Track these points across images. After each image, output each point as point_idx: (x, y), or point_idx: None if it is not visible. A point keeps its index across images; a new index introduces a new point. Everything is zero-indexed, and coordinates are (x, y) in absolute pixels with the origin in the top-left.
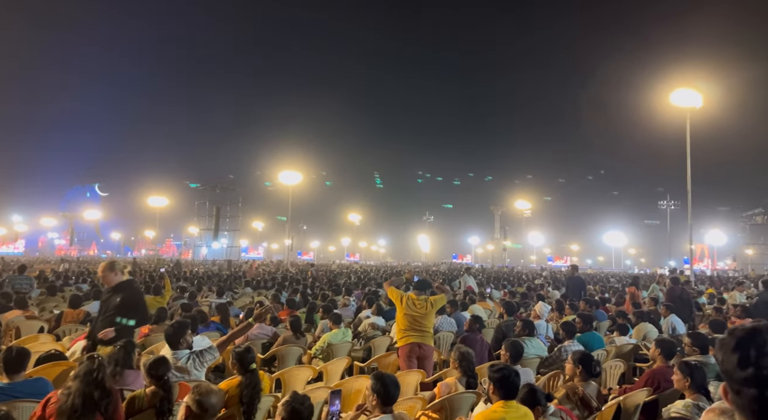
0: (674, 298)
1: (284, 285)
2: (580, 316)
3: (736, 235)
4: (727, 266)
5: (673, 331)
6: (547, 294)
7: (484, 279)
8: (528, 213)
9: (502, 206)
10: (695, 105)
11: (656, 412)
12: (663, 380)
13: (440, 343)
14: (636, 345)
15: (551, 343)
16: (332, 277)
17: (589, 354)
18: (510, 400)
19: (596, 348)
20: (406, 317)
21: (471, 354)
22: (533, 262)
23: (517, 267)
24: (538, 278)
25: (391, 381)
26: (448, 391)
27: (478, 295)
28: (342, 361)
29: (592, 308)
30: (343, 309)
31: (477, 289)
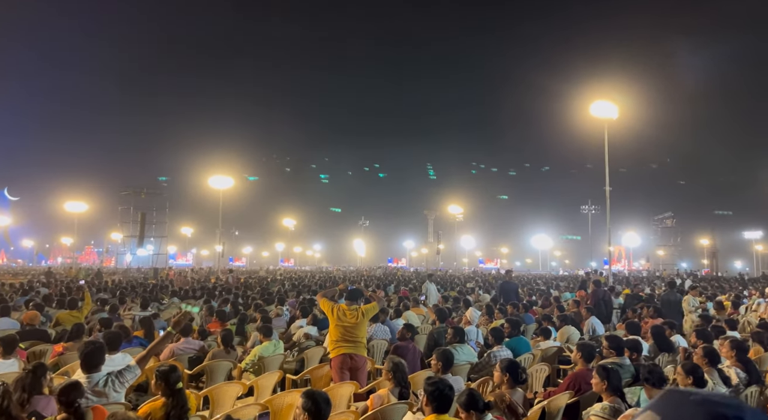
0: (597, 301)
1: (214, 294)
2: (508, 321)
3: (648, 237)
4: (641, 266)
5: (593, 332)
6: (477, 298)
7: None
8: (460, 217)
9: (435, 211)
10: (612, 116)
11: (577, 414)
12: (584, 383)
13: (374, 352)
14: (560, 347)
15: (481, 349)
16: (265, 285)
17: (515, 362)
18: (443, 414)
19: (523, 352)
20: (338, 328)
21: (403, 364)
22: (465, 265)
23: (449, 270)
24: (470, 281)
25: (323, 398)
26: (381, 403)
27: (412, 301)
28: (273, 374)
29: (521, 312)
30: (275, 319)
31: (436, 295)
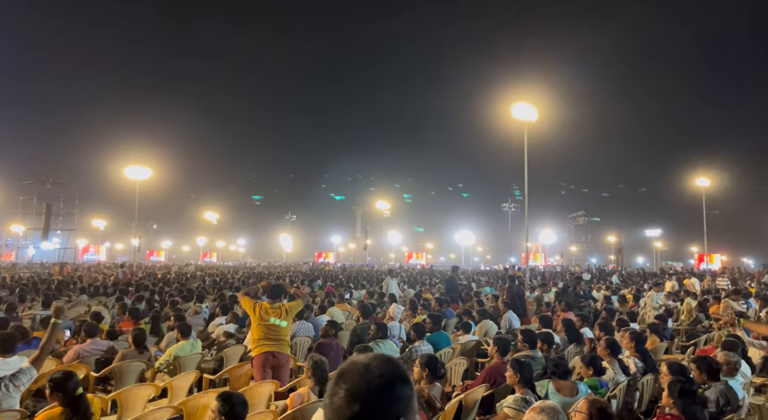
0: (512, 295)
1: (127, 291)
2: (430, 317)
3: (563, 234)
4: (556, 262)
5: (510, 326)
6: (403, 293)
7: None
8: (387, 213)
9: (363, 206)
10: (531, 118)
11: (492, 406)
12: (499, 376)
13: (297, 349)
14: (478, 341)
15: (404, 344)
16: (184, 281)
17: (434, 357)
18: None
19: (444, 347)
20: (261, 326)
21: (324, 362)
22: (392, 261)
23: (377, 266)
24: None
25: (239, 400)
26: (301, 402)
27: (338, 297)
28: (190, 375)
29: (443, 307)
30: (193, 317)
31: (398, 292)
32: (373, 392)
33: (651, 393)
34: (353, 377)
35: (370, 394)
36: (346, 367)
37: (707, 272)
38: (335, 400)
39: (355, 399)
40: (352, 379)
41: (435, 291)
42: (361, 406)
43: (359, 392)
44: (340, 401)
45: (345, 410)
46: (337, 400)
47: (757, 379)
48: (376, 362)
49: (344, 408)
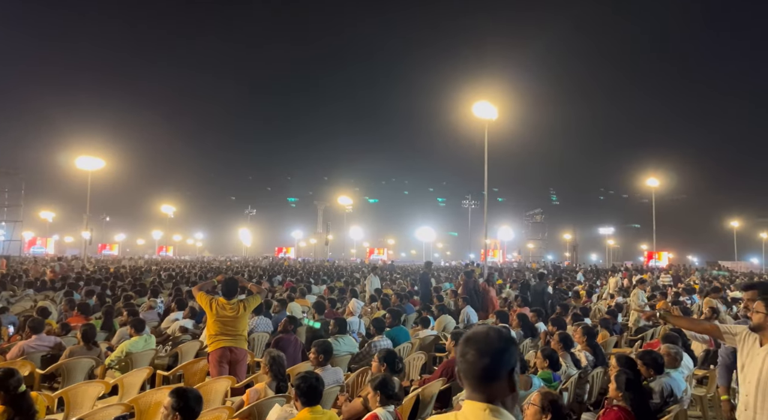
0: (469, 291)
1: (77, 285)
2: (389, 312)
3: (520, 231)
4: (513, 258)
5: (468, 321)
6: (363, 288)
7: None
8: (350, 209)
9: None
10: (492, 117)
11: (449, 400)
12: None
13: (255, 345)
14: (437, 336)
15: (363, 339)
16: (138, 275)
17: (393, 352)
18: (315, 406)
19: (403, 341)
20: (217, 322)
21: (282, 357)
22: (353, 256)
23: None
24: (357, 272)
25: (194, 396)
26: (257, 397)
27: (298, 293)
28: (142, 371)
29: (402, 302)
30: (147, 312)
31: (381, 288)
32: (495, 350)
33: (600, 385)
34: (479, 341)
35: (494, 352)
36: (471, 335)
37: (655, 269)
38: (468, 358)
39: (483, 355)
40: (478, 342)
41: (396, 286)
42: (490, 360)
43: (486, 350)
44: (472, 358)
45: (477, 363)
46: (470, 357)
47: (698, 372)
48: (492, 332)
49: (476, 362)
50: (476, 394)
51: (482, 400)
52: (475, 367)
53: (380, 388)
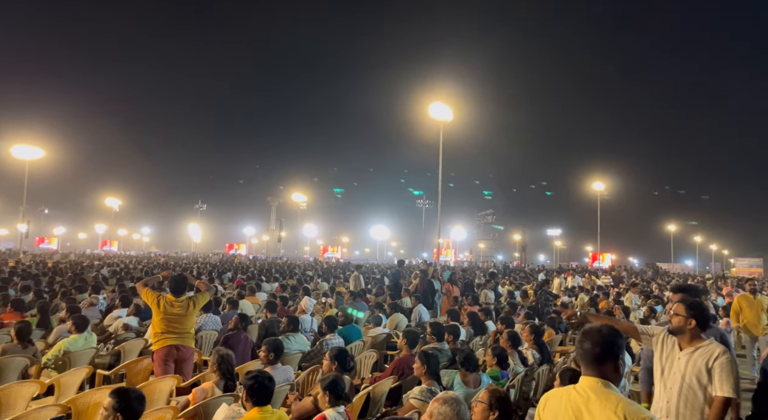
0: (424, 289)
1: (11, 280)
2: (341, 310)
3: (472, 231)
4: (465, 258)
5: (420, 319)
6: (315, 286)
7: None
8: (304, 206)
9: (279, 198)
10: (447, 118)
11: (400, 397)
12: (407, 367)
13: (203, 343)
14: (389, 334)
15: (315, 337)
16: (79, 270)
17: (344, 350)
18: (264, 405)
19: (354, 340)
20: (163, 320)
21: (231, 356)
22: (306, 254)
23: (290, 259)
24: (310, 269)
25: (135, 396)
26: (204, 397)
27: (248, 291)
28: (81, 370)
29: (357, 300)
30: (88, 309)
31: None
32: (605, 341)
33: (546, 382)
34: (593, 334)
35: (603, 343)
36: (588, 330)
37: (599, 270)
38: (585, 346)
39: (596, 345)
40: (593, 335)
41: (349, 285)
42: (600, 349)
43: (598, 341)
44: (588, 346)
45: (591, 351)
46: (586, 346)
47: (636, 369)
48: (604, 328)
49: (590, 350)
50: (590, 372)
51: (595, 376)
52: (590, 353)
53: (330, 388)
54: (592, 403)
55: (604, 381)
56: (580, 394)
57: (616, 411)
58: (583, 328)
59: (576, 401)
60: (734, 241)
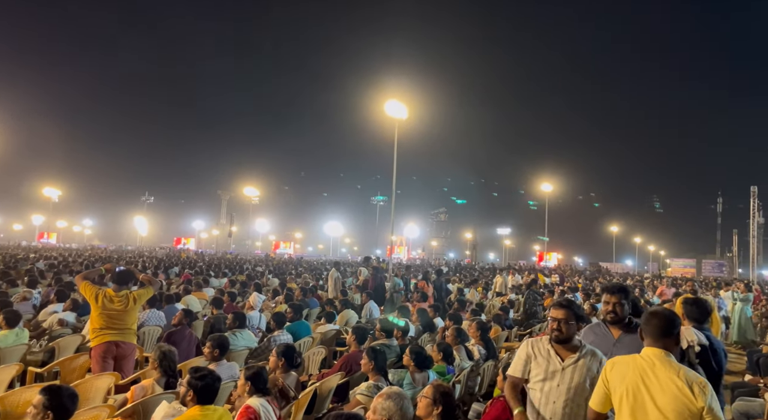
0: (376, 286)
1: None
2: (290, 306)
3: (425, 229)
4: (418, 255)
5: (371, 316)
6: (266, 282)
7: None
8: (256, 200)
9: (230, 192)
10: (402, 116)
11: (347, 394)
12: (355, 364)
13: (145, 339)
14: (338, 331)
15: (263, 334)
16: (12, 263)
17: (291, 346)
18: (207, 405)
19: (303, 336)
20: (102, 315)
21: (173, 352)
22: (258, 249)
23: (241, 254)
24: (261, 265)
25: (67, 394)
26: (143, 394)
27: (194, 286)
28: (11, 367)
29: (306, 296)
30: (21, 304)
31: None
32: (670, 320)
33: (491, 377)
34: (660, 314)
35: (670, 320)
36: (654, 311)
37: (546, 269)
38: (653, 322)
39: (661, 321)
40: (660, 314)
41: (300, 281)
42: (666, 325)
43: (663, 318)
44: (656, 322)
45: (659, 326)
46: (654, 322)
47: None
48: (667, 311)
49: (658, 325)
50: (655, 344)
51: (659, 347)
52: (657, 328)
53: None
54: (657, 368)
55: (666, 351)
56: (645, 360)
57: (678, 375)
58: (651, 309)
59: (642, 366)
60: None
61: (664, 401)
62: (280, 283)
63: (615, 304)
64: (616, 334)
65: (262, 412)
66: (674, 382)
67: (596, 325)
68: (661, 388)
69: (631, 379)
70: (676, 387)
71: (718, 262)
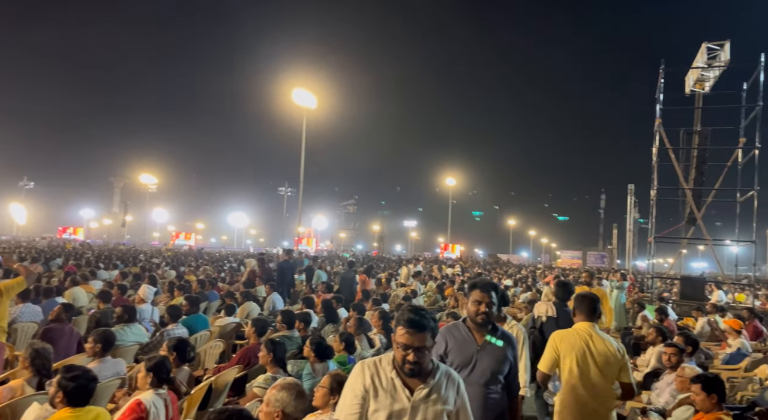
0: (285, 279)
1: None
2: (186, 299)
3: (334, 221)
4: (326, 247)
5: (274, 308)
6: (163, 275)
7: None
8: (154, 188)
9: (125, 178)
10: (311, 106)
11: (243, 387)
12: (254, 356)
13: (18, 337)
14: (239, 323)
15: (156, 328)
16: None
17: (184, 340)
18: (80, 407)
19: (200, 329)
20: None
21: (48, 350)
22: (156, 240)
23: (138, 245)
24: (157, 257)
25: None
26: (11, 396)
27: (81, 278)
28: None
29: (205, 288)
30: None
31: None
32: (596, 301)
33: None
34: (589, 296)
35: (596, 302)
36: (585, 293)
37: (448, 260)
38: (586, 303)
39: (593, 303)
40: (589, 297)
41: (200, 273)
42: (594, 305)
43: (593, 301)
44: (588, 303)
45: (590, 306)
46: (587, 303)
47: None
48: (593, 294)
49: (589, 305)
50: (587, 320)
51: (591, 321)
52: (588, 308)
53: (155, 369)
54: (594, 337)
55: (594, 324)
56: (584, 332)
57: (606, 342)
58: (582, 292)
59: (583, 336)
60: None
61: (601, 360)
62: (177, 275)
63: (488, 304)
64: (479, 339)
65: (152, 409)
66: (607, 347)
67: (455, 327)
68: (598, 352)
69: (579, 346)
70: (608, 350)
71: (600, 254)
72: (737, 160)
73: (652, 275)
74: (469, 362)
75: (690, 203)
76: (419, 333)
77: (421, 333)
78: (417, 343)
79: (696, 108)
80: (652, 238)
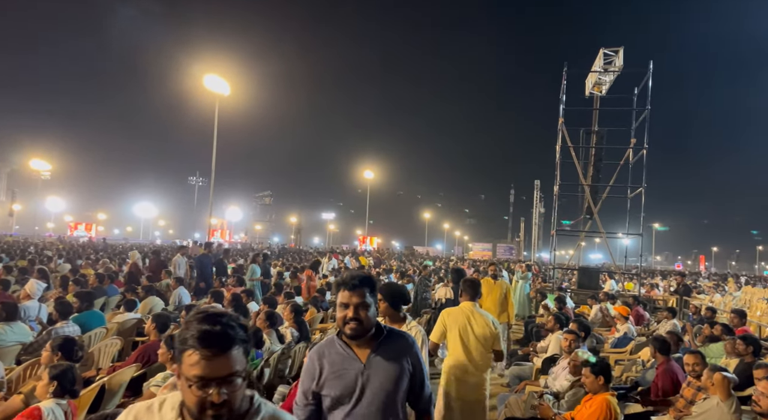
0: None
1: None
2: (77, 295)
3: (249, 213)
4: (240, 239)
5: (180, 302)
6: (56, 267)
7: None
8: (47, 175)
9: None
10: (224, 92)
11: (140, 387)
12: (153, 354)
13: None
14: (140, 320)
15: (43, 326)
16: None
17: (71, 339)
18: None
19: (96, 326)
20: None
21: None
22: (50, 231)
23: (29, 236)
24: (49, 249)
25: None
26: None
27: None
28: None
29: (103, 283)
30: None
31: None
32: (478, 285)
33: (301, 359)
34: (472, 281)
35: (477, 285)
36: (468, 279)
37: (366, 252)
38: (469, 286)
39: (476, 287)
40: (472, 282)
41: (99, 266)
42: (476, 290)
43: (474, 286)
44: (470, 285)
45: (472, 289)
46: (470, 286)
47: None
48: (475, 281)
49: (471, 288)
50: (471, 300)
51: (473, 301)
52: (472, 290)
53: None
54: (475, 314)
55: (475, 303)
56: (467, 310)
57: (485, 318)
58: (466, 277)
59: (466, 313)
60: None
61: (479, 332)
62: (72, 269)
63: (358, 307)
64: (363, 355)
65: (50, 417)
66: (485, 322)
67: (328, 344)
68: (478, 325)
69: (462, 321)
70: (486, 324)
71: (509, 246)
72: (629, 159)
73: (554, 266)
74: (353, 390)
75: (588, 199)
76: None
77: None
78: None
79: (594, 109)
80: (554, 230)
